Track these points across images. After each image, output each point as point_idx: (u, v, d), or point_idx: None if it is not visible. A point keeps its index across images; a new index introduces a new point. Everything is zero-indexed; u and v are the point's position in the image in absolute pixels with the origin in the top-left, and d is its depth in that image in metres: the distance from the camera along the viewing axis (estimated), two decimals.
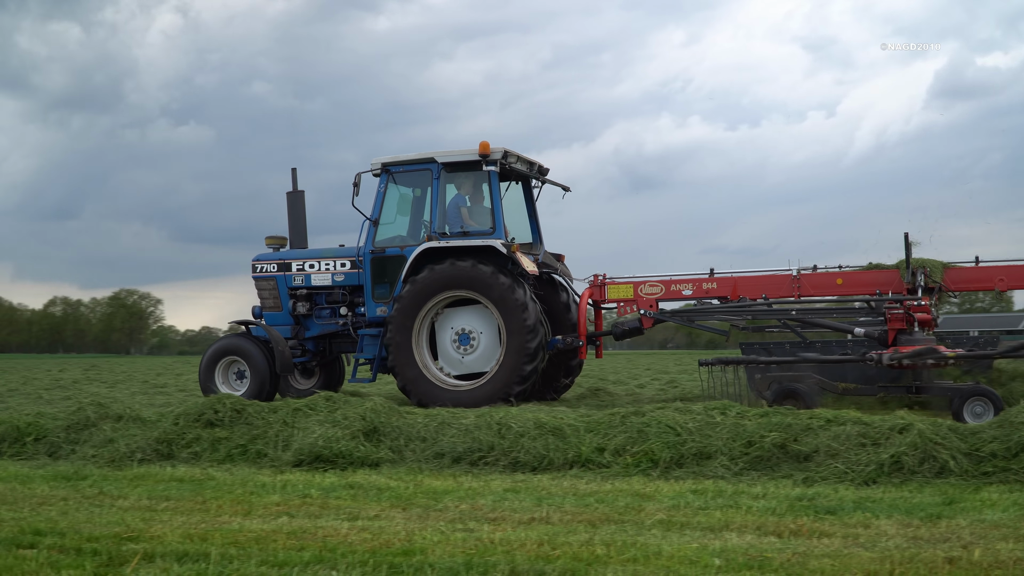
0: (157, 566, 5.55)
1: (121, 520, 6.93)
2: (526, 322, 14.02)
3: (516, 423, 9.48)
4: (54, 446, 10.29)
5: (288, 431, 9.81)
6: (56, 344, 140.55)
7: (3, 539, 6.31)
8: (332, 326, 16.19)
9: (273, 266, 16.44)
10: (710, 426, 9.11)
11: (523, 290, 14.17)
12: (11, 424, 10.72)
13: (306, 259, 16.25)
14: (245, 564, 5.54)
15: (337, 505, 7.44)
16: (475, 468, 8.96)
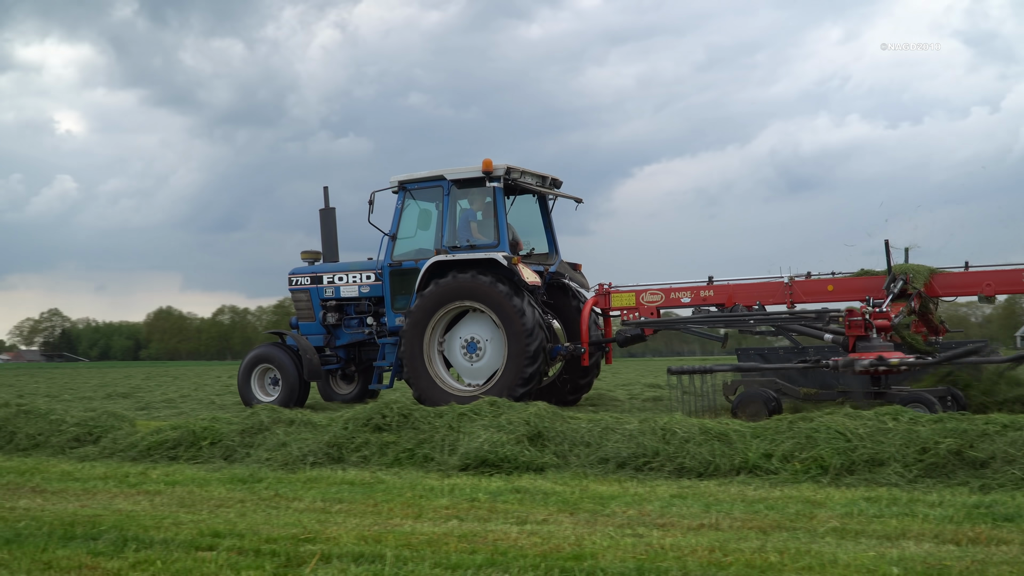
0: (334, 567, 5.69)
1: (297, 522, 7.12)
2: (524, 326, 14.67)
3: (681, 428, 9.42)
4: (229, 450, 10.61)
5: (454, 436, 9.93)
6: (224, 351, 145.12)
7: (183, 541, 6.54)
8: (360, 335, 17.36)
9: (307, 279, 17.75)
10: (881, 432, 8.89)
11: (520, 297, 14.84)
12: (187, 429, 11.10)
13: (336, 272, 17.44)
14: (419, 566, 5.64)
15: (505, 509, 7.50)
16: (640, 473, 8.93)
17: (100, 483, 9.36)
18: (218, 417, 11.56)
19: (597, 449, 9.47)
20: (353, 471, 9.44)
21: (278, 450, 10.21)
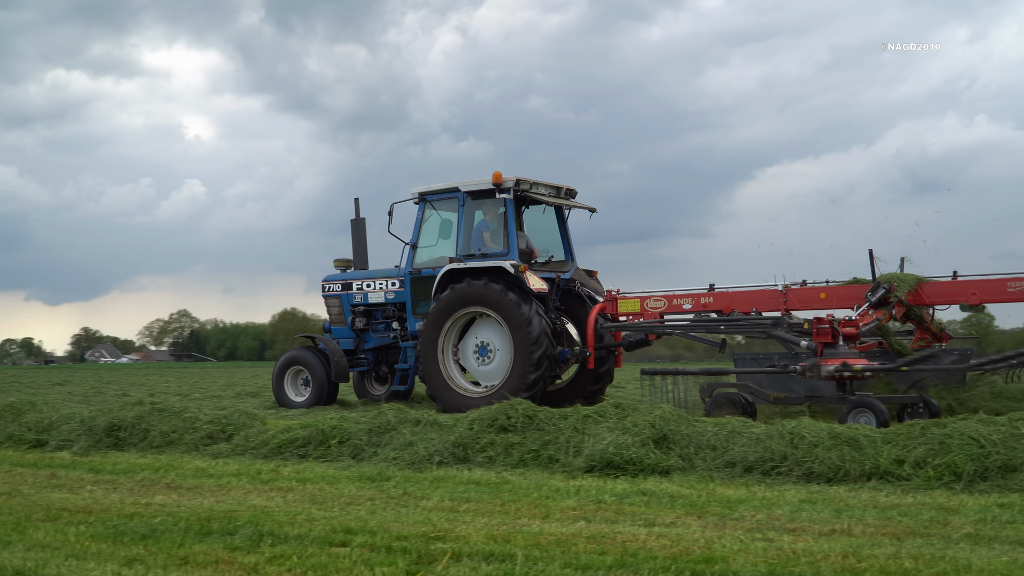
0: (465, 565, 5.75)
1: (427, 520, 7.21)
2: (530, 335, 15.40)
3: (809, 433, 9.29)
4: (357, 448, 10.78)
5: (579, 437, 9.94)
6: None
7: (317, 537, 6.68)
8: (386, 339, 18.42)
9: (338, 286, 18.81)
10: (1015, 438, 8.65)
11: (529, 306, 15.56)
12: (316, 428, 11.30)
13: (364, 279, 18.54)
14: (549, 566, 5.67)
15: (632, 511, 7.49)
16: (767, 478, 8.82)
17: (233, 479, 9.59)
18: (346, 416, 11.76)
19: (723, 453, 9.38)
20: (479, 471, 9.51)
21: (405, 449, 10.34)
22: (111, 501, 8.46)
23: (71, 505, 8.25)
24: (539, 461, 9.76)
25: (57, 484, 9.61)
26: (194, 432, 12.06)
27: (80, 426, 12.68)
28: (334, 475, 9.66)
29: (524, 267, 15.68)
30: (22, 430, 13.04)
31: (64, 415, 13.41)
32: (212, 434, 11.97)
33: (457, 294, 16.10)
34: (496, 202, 16.58)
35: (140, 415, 12.63)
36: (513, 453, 9.95)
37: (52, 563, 6.06)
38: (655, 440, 9.64)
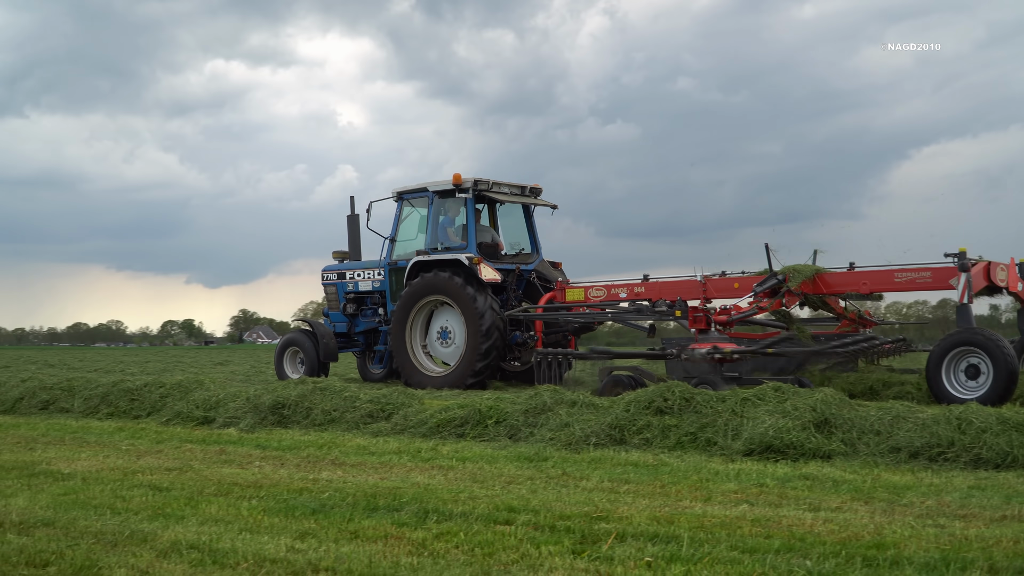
0: (630, 546, 5.76)
1: (588, 500, 7.23)
2: (482, 328, 17.12)
3: (977, 418, 9.02)
4: (513, 429, 10.86)
5: (737, 420, 9.85)
6: None
7: (481, 515, 6.76)
8: (372, 323, 20.33)
9: (334, 275, 20.88)
10: None
11: (483, 299, 17.26)
12: (473, 408, 11.42)
13: (356, 270, 20.45)
14: (715, 548, 5.64)
15: (795, 495, 7.39)
16: (934, 464, 8.60)
17: (395, 457, 9.77)
18: (502, 397, 11.86)
19: (888, 438, 9.18)
20: (636, 453, 9.49)
21: (561, 430, 10.38)
22: (280, 476, 8.71)
23: (241, 480, 8.52)
24: (696, 444, 9.69)
25: (226, 460, 9.93)
26: (354, 411, 12.32)
27: (246, 404, 13.07)
28: (492, 454, 9.75)
29: (479, 259, 17.40)
30: (190, 407, 13.49)
31: (230, 393, 13.83)
32: (372, 413, 12.21)
33: (421, 284, 18.04)
34: (458, 201, 18.56)
35: (303, 394, 12.95)
36: (670, 435, 9.91)
37: (226, 537, 6.26)
38: (816, 424, 9.48)
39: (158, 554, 5.88)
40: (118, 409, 14.33)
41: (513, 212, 19.74)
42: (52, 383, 16.28)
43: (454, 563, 5.51)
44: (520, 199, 18.94)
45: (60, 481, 8.69)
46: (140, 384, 15.10)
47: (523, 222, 19.72)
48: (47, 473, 9.17)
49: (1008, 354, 12.50)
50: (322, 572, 5.38)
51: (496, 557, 5.63)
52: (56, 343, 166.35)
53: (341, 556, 5.64)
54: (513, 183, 18.93)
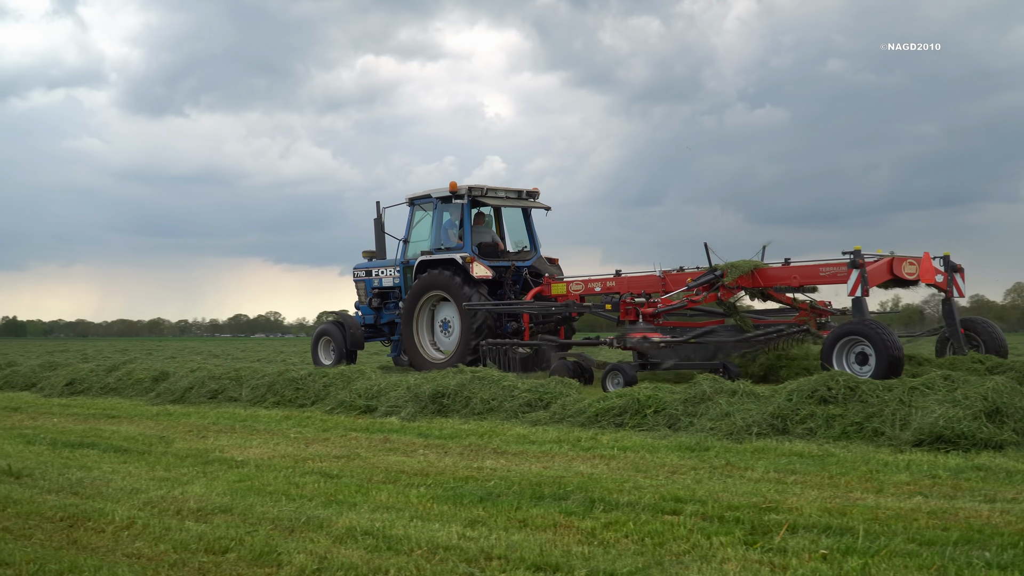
0: (803, 537, 5.68)
1: (756, 491, 7.16)
2: (473, 321, 19.13)
3: None
4: (673, 418, 10.80)
5: (905, 410, 9.61)
6: None
7: (648, 505, 6.76)
8: (394, 316, 22.23)
9: (363, 272, 23.10)
10: None
11: (472, 288, 19.35)
12: (632, 397, 11.39)
13: (380, 267, 22.66)
14: (891, 540, 5.53)
15: (970, 487, 7.18)
16: None
17: (555, 446, 9.81)
18: (660, 387, 11.79)
19: None
20: (800, 443, 9.33)
21: (722, 420, 10.29)
22: (445, 465, 8.83)
23: (408, 468, 8.67)
24: (862, 434, 9.49)
25: (391, 448, 10.11)
26: (512, 400, 12.41)
27: (407, 393, 13.28)
28: (653, 444, 9.72)
29: (471, 258, 19.46)
30: (352, 396, 13.77)
31: (391, 382, 14.07)
32: (530, 402, 12.29)
33: (424, 281, 20.28)
34: (456, 206, 20.74)
35: (462, 383, 13.10)
36: (835, 425, 9.72)
37: (398, 523, 6.39)
38: (987, 413, 9.19)
39: (334, 540, 6.03)
40: (284, 398, 14.70)
41: (515, 215, 21.85)
42: (220, 373, 16.78)
43: (625, 552, 5.52)
44: (513, 203, 21.10)
45: (234, 468, 8.97)
46: (304, 374, 15.46)
47: (522, 223, 21.81)
48: (221, 460, 9.48)
49: (889, 342, 13.69)
50: (495, 560, 5.44)
51: (667, 547, 5.62)
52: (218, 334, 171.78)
53: (512, 544, 5.70)
54: (509, 188, 21.05)
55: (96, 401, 16.68)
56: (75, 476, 8.66)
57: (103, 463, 9.51)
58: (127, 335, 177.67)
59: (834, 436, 9.52)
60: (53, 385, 18.77)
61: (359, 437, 11.04)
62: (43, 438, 11.51)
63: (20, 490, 8.11)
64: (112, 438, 11.42)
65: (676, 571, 5.16)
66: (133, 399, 16.63)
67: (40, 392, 18.67)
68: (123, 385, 17.72)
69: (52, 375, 19.88)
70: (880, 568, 5.09)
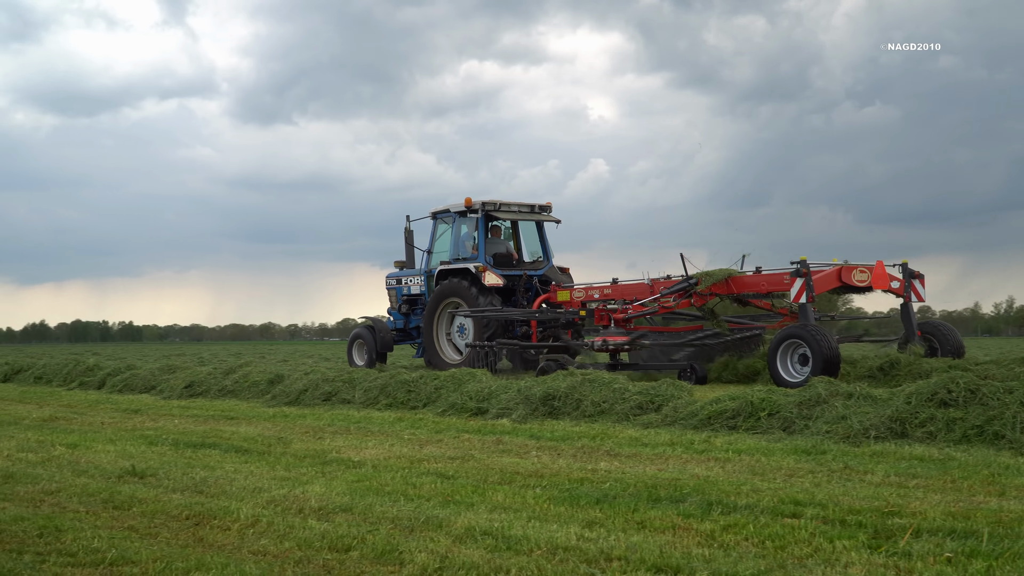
0: (928, 541, 5.59)
1: (877, 495, 7.05)
2: (483, 324, 20.97)
3: None
4: (787, 421, 10.68)
5: None
6: None
7: (766, 508, 6.71)
8: (421, 320, 23.80)
9: (394, 281, 25.18)
10: None
11: (484, 295, 21.23)
12: (745, 400, 11.30)
13: (409, 276, 24.64)
14: (1016, 543, 5.44)
15: None
16: None
17: (668, 448, 9.79)
18: (774, 389, 11.68)
19: None
20: (919, 447, 9.15)
21: (838, 423, 10.14)
22: (559, 466, 8.86)
23: (522, 469, 8.72)
24: (983, 437, 9.26)
25: (504, 449, 10.18)
26: (624, 402, 12.40)
27: (517, 395, 13.34)
28: (768, 447, 9.63)
29: (483, 268, 21.39)
30: (464, 399, 13.88)
31: (501, 385, 14.15)
32: (641, 404, 12.26)
33: (442, 288, 22.27)
34: (471, 219, 22.77)
35: (573, 385, 13.12)
36: (955, 428, 9.51)
37: (516, 524, 6.43)
38: None
39: (454, 539, 6.10)
40: (396, 400, 14.87)
41: (531, 228, 23.85)
42: (333, 376, 17.03)
43: (746, 555, 5.49)
44: (524, 216, 23.00)
45: (352, 469, 9.10)
46: (415, 376, 15.62)
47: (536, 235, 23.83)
48: (338, 461, 9.63)
49: (824, 344, 15.01)
50: (615, 560, 5.45)
51: (789, 551, 5.58)
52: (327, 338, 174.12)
53: (632, 545, 5.71)
54: (522, 203, 22.93)
55: (214, 403, 17.06)
56: (198, 476, 8.86)
57: (225, 463, 9.72)
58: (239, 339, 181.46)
59: (954, 440, 9.32)
60: (172, 387, 19.22)
61: (472, 439, 11.13)
62: (165, 439, 11.79)
63: (145, 490, 8.31)
64: (232, 439, 11.67)
65: (799, 574, 5.12)
66: (250, 401, 16.97)
67: (159, 394, 19.12)
68: (240, 388, 18.09)
69: (171, 378, 20.36)
70: (1005, 570, 5.01)
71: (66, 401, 18.85)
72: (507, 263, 22.45)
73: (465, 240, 22.75)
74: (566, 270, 23.23)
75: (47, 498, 8.02)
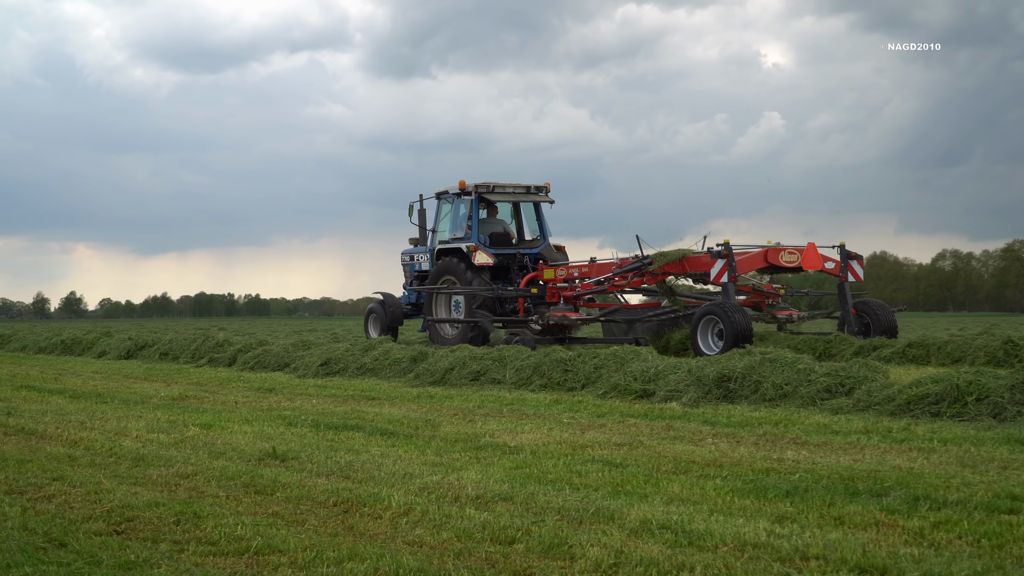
0: None
1: None
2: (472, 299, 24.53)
3: None
4: (998, 407, 10.44)
5: None
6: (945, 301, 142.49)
7: (980, 503, 6.59)
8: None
9: (408, 257, 29.04)
10: None
11: (477, 280, 24.64)
12: (950, 383, 11.08)
13: (419, 254, 28.30)
14: None
15: None
16: None
17: (862, 437, 9.67)
18: (983, 371, 11.42)
19: None
20: None
21: None
22: (739, 455, 8.84)
23: (698, 458, 8.72)
24: None
25: (675, 436, 10.18)
26: (809, 385, 12.28)
27: (688, 376, 13.32)
28: (977, 436, 9.45)
29: (474, 247, 24.89)
30: (627, 380, 13.90)
31: (670, 364, 14.13)
32: (830, 387, 12.13)
33: (439, 266, 26.03)
34: (466, 200, 26.04)
35: (751, 365, 13.04)
36: None
37: (697, 517, 6.43)
38: None
39: (629, 533, 6.13)
40: (551, 380, 14.98)
41: (530, 208, 27.19)
42: (481, 353, 17.22)
43: (960, 555, 5.42)
44: (517, 197, 26.29)
45: (508, 454, 9.22)
46: (573, 355, 15.70)
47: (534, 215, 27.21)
48: (493, 446, 9.76)
49: (734, 320, 18.09)
50: (812, 560, 5.42)
51: (1007, 550, 5.50)
52: None
53: (831, 543, 5.67)
54: (518, 184, 26.21)
55: (353, 382, 17.44)
56: (344, 459, 9.08)
57: (370, 446, 9.94)
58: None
59: None
60: (308, 365, 19.69)
61: (638, 423, 11.16)
62: (304, 420, 12.07)
63: (288, 474, 8.53)
64: (376, 420, 11.91)
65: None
66: (391, 380, 17.32)
67: (294, 373, 19.60)
68: (380, 366, 18.46)
69: (305, 355, 20.81)
70: None
71: (195, 379, 19.45)
72: (504, 242, 26.32)
73: (461, 220, 26.17)
74: (562, 248, 26.70)
75: (183, 482, 8.30)
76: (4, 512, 7.19)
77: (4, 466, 9.10)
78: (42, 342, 32.65)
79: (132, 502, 7.42)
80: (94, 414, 13.00)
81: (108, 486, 8.06)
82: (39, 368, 23.81)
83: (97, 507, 7.32)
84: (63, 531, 6.58)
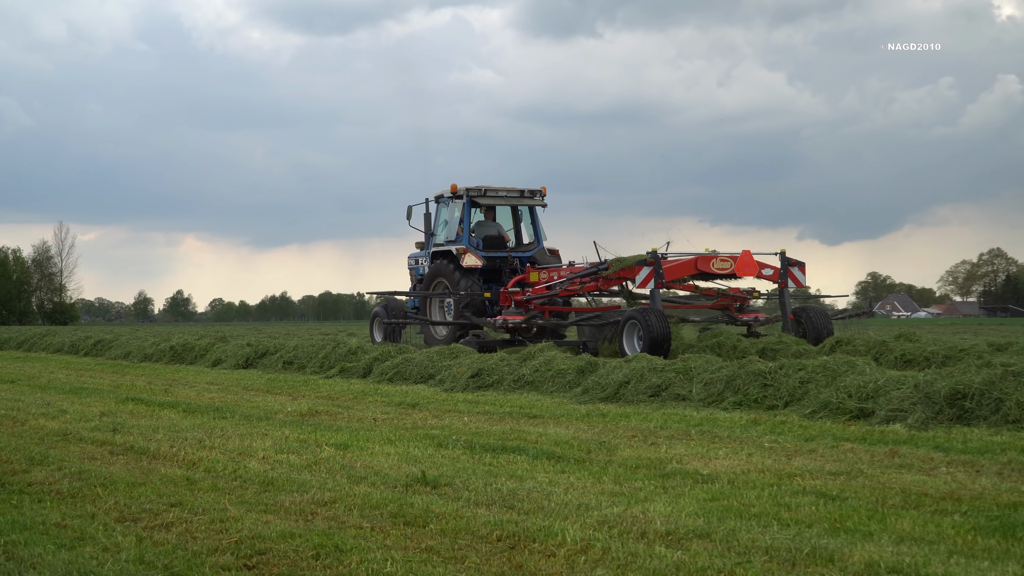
0: None
1: None
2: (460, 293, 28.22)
3: None
4: None
5: None
6: None
7: None
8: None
9: (413, 261, 33.15)
10: None
11: (465, 281, 28.43)
12: None
13: (422, 257, 32.10)
14: None
15: None
16: None
17: None
18: None
19: None
20: None
21: None
22: (980, 487, 8.74)
23: (931, 490, 8.64)
24: None
25: (902, 464, 10.09)
26: None
27: (914, 392, 13.11)
28: None
29: (463, 250, 28.77)
30: (841, 397, 13.76)
31: (892, 378, 13.92)
32: None
33: (432, 269, 30.13)
34: (458, 204, 30.15)
35: (990, 380, 12.77)
36: None
37: (934, 560, 6.41)
38: None
39: None
40: (747, 397, 14.92)
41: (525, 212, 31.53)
42: (661, 364, 17.20)
43: None
44: (508, 201, 30.84)
45: (701, 484, 9.25)
46: (773, 366, 15.58)
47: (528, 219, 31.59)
48: (682, 473, 9.79)
49: (651, 325, 21.96)
50: None
51: None
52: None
53: None
54: (511, 188, 30.58)
55: (509, 397, 17.66)
56: (505, 487, 9.20)
57: (536, 472, 10.06)
58: None
59: None
60: (456, 377, 19.91)
61: (856, 449, 11.08)
62: (456, 440, 12.23)
63: (441, 502, 8.68)
64: (540, 442, 12.02)
65: None
66: (554, 395, 17.51)
67: (440, 385, 19.86)
68: (541, 378, 18.64)
69: (452, 364, 21.01)
70: None
71: (325, 392, 19.87)
72: (498, 245, 30.43)
73: (454, 224, 30.15)
74: (555, 252, 30.55)
75: (320, 510, 8.52)
76: (117, 542, 7.47)
77: (113, 490, 9.43)
78: (148, 348, 33.72)
79: (263, 532, 7.65)
80: (212, 431, 13.41)
81: (234, 514, 8.33)
82: (145, 378, 24.59)
83: (223, 537, 7.57)
84: (186, 565, 6.81)
